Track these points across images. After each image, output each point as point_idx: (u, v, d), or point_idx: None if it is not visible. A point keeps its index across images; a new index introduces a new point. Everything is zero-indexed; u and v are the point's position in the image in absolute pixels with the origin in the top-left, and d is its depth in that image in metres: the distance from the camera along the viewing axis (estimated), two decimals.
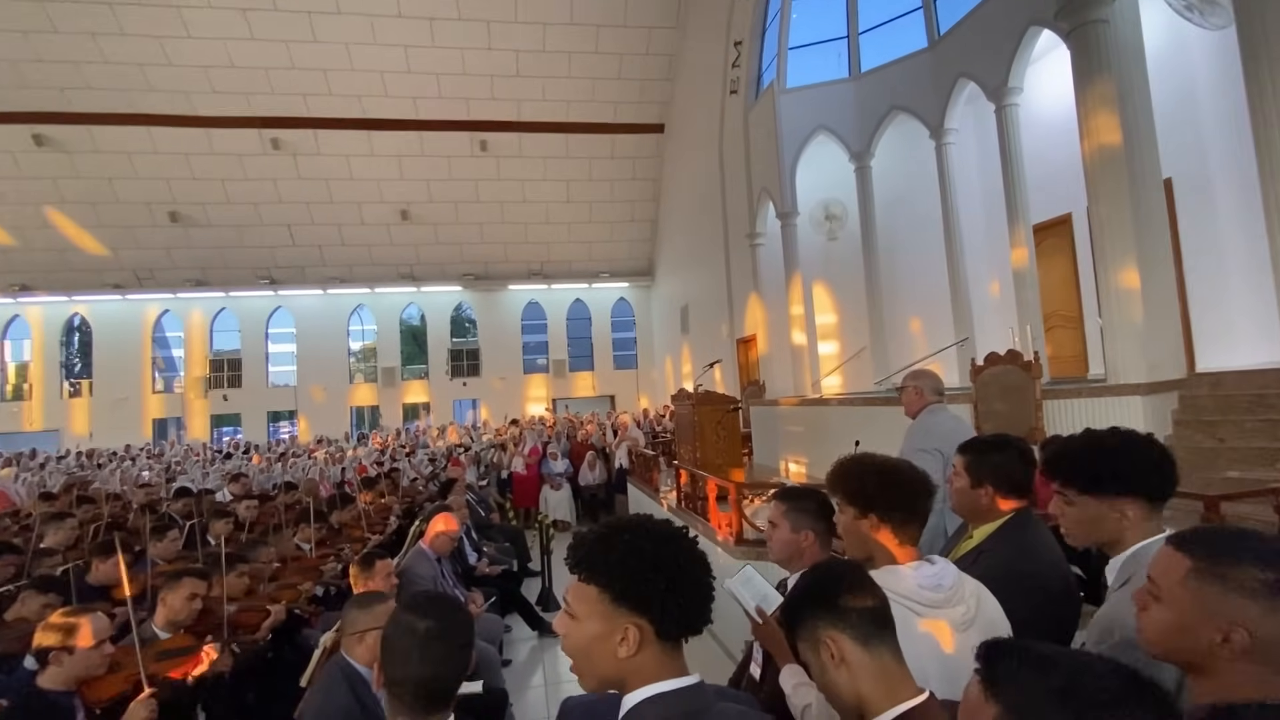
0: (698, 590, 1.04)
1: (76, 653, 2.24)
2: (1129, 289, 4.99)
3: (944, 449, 2.98)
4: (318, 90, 15.89)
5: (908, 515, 1.58)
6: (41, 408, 18.57)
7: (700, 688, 1.05)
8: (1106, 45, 5.19)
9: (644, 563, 1.02)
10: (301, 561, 4.38)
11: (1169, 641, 1.01)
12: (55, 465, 13.15)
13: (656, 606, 1.01)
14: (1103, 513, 1.43)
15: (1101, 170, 5.15)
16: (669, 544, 1.05)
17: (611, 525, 1.09)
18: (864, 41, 9.42)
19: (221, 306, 19.48)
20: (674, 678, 1.03)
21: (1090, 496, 1.44)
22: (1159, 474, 1.44)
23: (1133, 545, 1.42)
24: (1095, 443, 1.49)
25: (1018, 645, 0.83)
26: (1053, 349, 7.43)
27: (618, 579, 1.02)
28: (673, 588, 1.01)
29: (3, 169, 15.91)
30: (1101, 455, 1.46)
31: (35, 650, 2.29)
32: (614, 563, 1.03)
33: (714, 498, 5.55)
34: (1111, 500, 1.42)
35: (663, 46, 16.07)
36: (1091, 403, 4.83)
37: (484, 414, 19.64)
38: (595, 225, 19.50)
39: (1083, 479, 1.46)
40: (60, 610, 2.41)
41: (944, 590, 1.44)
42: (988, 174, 8.35)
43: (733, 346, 12.82)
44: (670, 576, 1.01)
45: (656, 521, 1.09)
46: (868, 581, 1.23)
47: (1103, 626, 1.37)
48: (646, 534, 1.05)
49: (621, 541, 1.04)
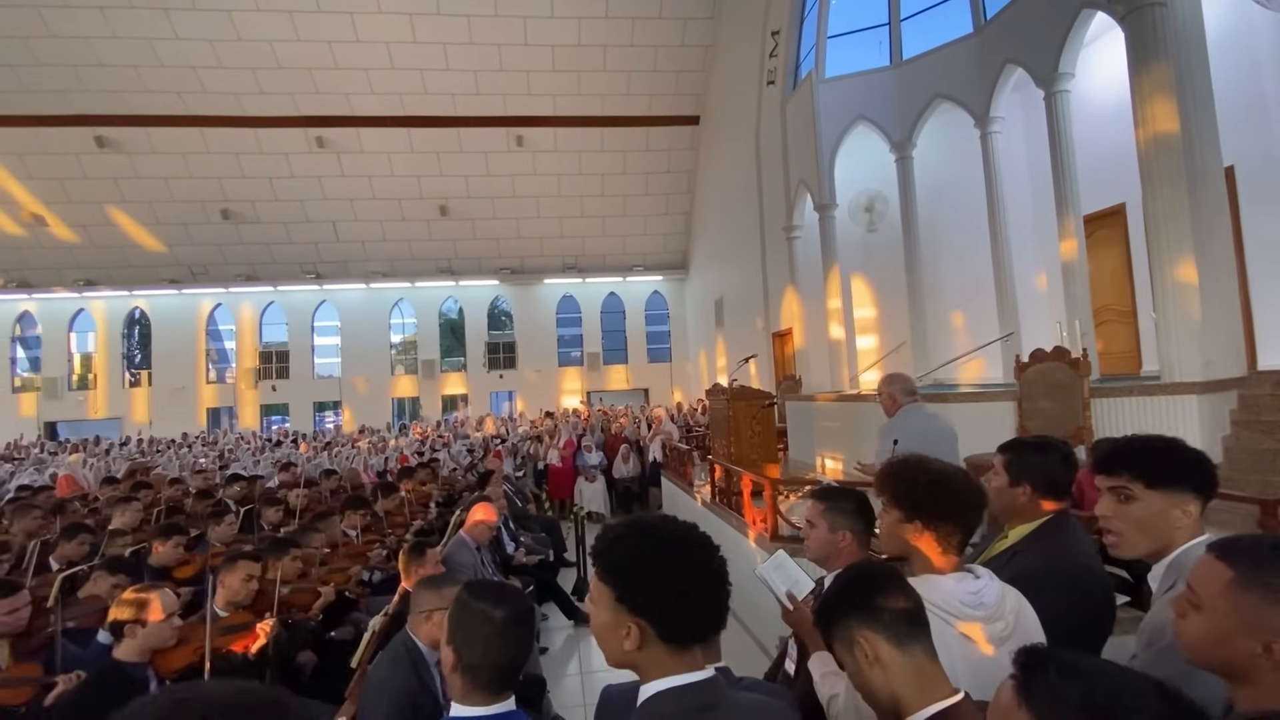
0: (705, 603, 1.06)
1: (149, 626, 2.40)
2: (1185, 282, 4.79)
3: (918, 444, 3.25)
4: (360, 89, 16.28)
5: (954, 525, 1.57)
6: (105, 396, 19.59)
7: (713, 682, 1.07)
8: (1164, 28, 4.97)
9: (649, 572, 1.05)
10: (349, 547, 4.55)
11: (1208, 650, 1.00)
12: (118, 451, 13.88)
13: (654, 613, 1.04)
14: (1165, 509, 1.40)
15: (1157, 159, 4.94)
16: (679, 554, 1.07)
17: (629, 528, 1.12)
18: (906, 28, 9.19)
19: (270, 300, 20.21)
20: (685, 672, 1.06)
21: (1156, 491, 1.41)
22: (1209, 471, 1.42)
23: (1177, 549, 1.39)
24: (1160, 438, 1.47)
25: (1057, 654, 0.82)
26: (1103, 345, 7.18)
27: (622, 582, 1.07)
28: (676, 598, 1.04)
29: (68, 170, 16.77)
30: (1172, 449, 1.44)
31: (111, 624, 2.46)
32: (621, 566, 1.08)
33: (749, 493, 5.54)
34: (1178, 495, 1.39)
35: (698, 38, 15.96)
36: (1144, 402, 4.67)
37: (520, 406, 19.94)
38: (629, 219, 19.55)
39: (1155, 472, 1.41)
40: (133, 587, 2.58)
41: (985, 608, 1.42)
42: (1035, 163, 8.09)
43: (768, 340, 12.72)
44: (675, 587, 1.04)
45: (674, 528, 1.11)
46: (902, 582, 1.23)
47: (1150, 631, 1.36)
48: (658, 542, 1.08)
49: (631, 548, 1.08)
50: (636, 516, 1.15)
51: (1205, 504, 1.41)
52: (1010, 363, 6.08)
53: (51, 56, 15.04)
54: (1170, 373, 4.83)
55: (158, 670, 2.45)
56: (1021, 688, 0.80)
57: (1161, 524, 1.42)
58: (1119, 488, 1.45)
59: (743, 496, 5.63)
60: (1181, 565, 1.35)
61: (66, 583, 3.34)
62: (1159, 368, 5.21)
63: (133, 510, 5.22)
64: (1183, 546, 1.38)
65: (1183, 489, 1.39)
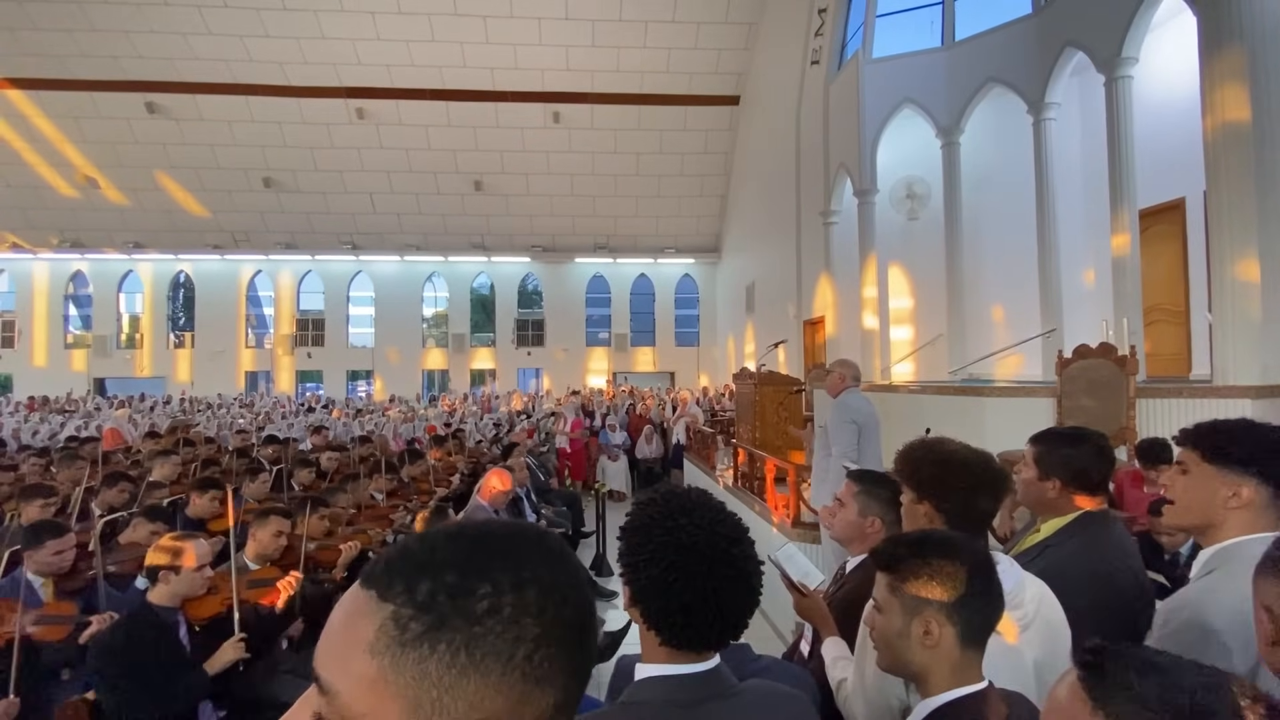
0: (716, 618, 0.99)
1: (182, 573, 2.48)
2: (1247, 282, 4.55)
3: (858, 420, 4.03)
4: (400, 61, 16.35)
5: (962, 508, 1.53)
6: (150, 356, 20.32)
7: (712, 675, 1.01)
8: (1239, 10, 4.67)
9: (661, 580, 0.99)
10: (375, 510, 4.65)
11: None
12: (162, 409, 14.41)
13: (655, 618, 1.00)
14: (1215, 487, 1.33)
15: (1225, 150, 4.68)
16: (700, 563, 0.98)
17: (649, 528, 1.03)
18: (960, 8, 8.83)
19: (308, 269, 20.64)
20: (682, 663, 1.00)
21: (1211, 465, 1.34)
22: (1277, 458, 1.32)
23: (1231, 538, 1.31)
24: (1235, 420, 1.41)
25: (1127, 650, 0.76)
26: (1151, 346, 6.88)
27: (634, 583, 1.03)
28: (681, 612, 0.98)
29: (119, 134, 17.27)
30: (1235, 427, 1.37)
31: (147, 569, 2.55)
32: (637, 570, 1.02)
33: (772, 479, 5.50)
34: (1230, 473, 1.32)
35: (743, 14, 15.59)
36: (1193, 404, 4.46)
37: (546, 383, 20.10)
38: (664, 199, 19.36)
39: (1208, 444, 1.36)
40: (170, 535, 2.66)
41: (1005, 595, 1.37)
42: (1090, 153, 7.74)
43: (799, 328, 12.53)
44: (683, 602, 0.98)
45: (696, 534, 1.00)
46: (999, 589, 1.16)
47: (1169, 609, 1.31)
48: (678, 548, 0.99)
49: (648, 561, 1.00)
50: (669, 504, 1.04)
51: (1276, 497, 1.31)
52: (1051, 360, 5.87)
53: (105, 22, 15.41)
54: (1224, 375, 4.61)
55: (188, 616, 2.54)
56: (1091, 687, 0.73)
57: (1206, 499, 1.34)
58: (1178, 461, 1.42)
59: (766, 482, 5.59)
60: (1230, 556, 1.28)
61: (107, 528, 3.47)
62: (1209, 373, 4.98)
63: (171, 464, 5.41)
64: (1236, 539, 1.30)
65: (1235, 468, 1.31)
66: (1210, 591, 1.26)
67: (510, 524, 0.55)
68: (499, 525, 0.54)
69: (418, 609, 0.46)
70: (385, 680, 0.45)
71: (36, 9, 15.07)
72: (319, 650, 0.49)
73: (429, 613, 0.45)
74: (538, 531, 0.54)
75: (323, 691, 0.47)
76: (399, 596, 0.46)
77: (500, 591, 0.47)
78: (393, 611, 0.46)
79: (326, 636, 0.49)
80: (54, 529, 2.99)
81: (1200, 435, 1.39)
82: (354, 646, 0.46)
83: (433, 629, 0.45)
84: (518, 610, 0.47)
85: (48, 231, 18.93)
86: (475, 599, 0.46)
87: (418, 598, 0.46)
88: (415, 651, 0.45)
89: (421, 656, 0.45)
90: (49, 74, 16.17)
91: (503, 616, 0.46)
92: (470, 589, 0.47)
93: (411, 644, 0.45)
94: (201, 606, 2.58)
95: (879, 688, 1.38)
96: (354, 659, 0.46)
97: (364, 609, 0.47)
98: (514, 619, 0.47)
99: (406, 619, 0.45)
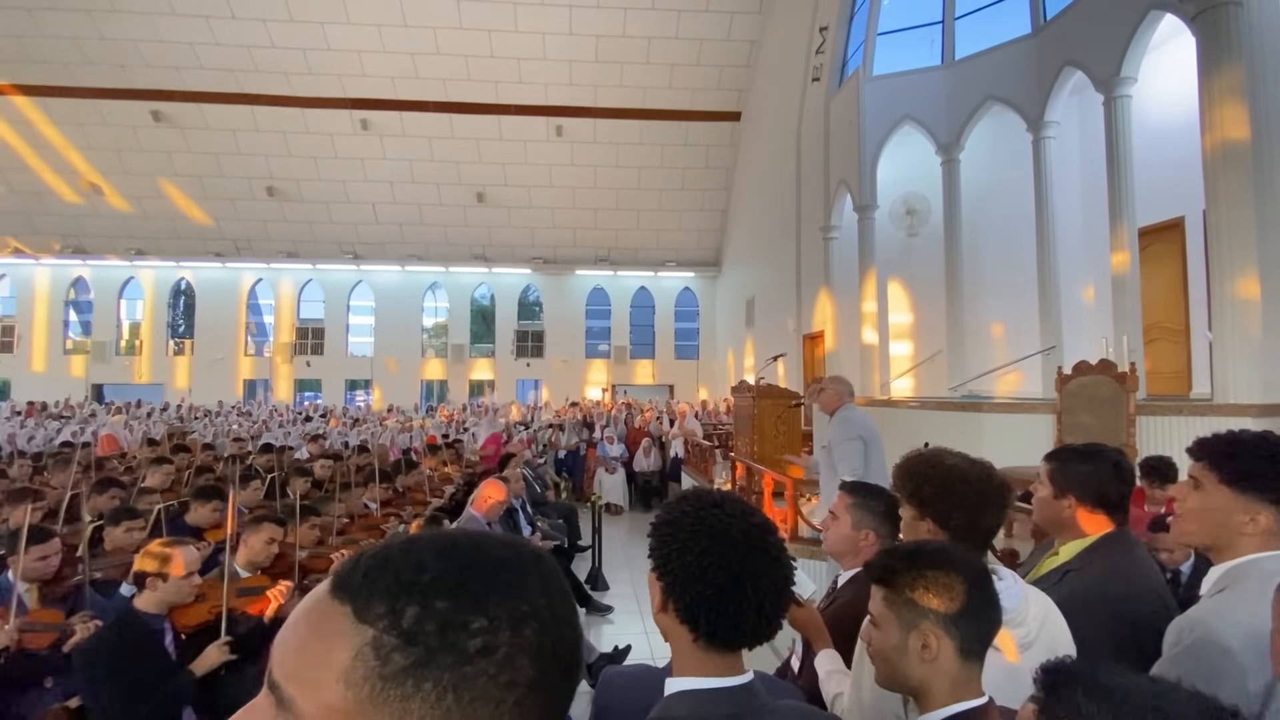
0: (752, 606, 0.95)
1: (170, 580, 2.43)
2: (1247, 300, 4.54)
3: (863, 434, 3.94)
4: (405, 73, 16.49)
5: (967, 525, 1.50)
6: (149, 363, 20.29)
7: (747, 689, 0.98)
8: (1238, 30, 4.72)
9: (695, 566, 0.95)
10: (368, 519, 4.60)
11: None
12: (159, 416, 14.36)
13: (689, 609, 0.96)
14: (1231, 511, 1.28)
15: (1224, 168, 4.70)
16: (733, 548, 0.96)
17: (680, 521, 1.00)
18: (960, 27, 8.92)
19: (309, 278, 20.67)
20: (716, 675, 0.97)
21: (1228, 488, 1.29)
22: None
23: (1243, 556, 1.27)
24: (1255, 437, 1.35)
25: (1084, 671, 0.74)
26: (1151, 364, 6.87)
27: (665, 576, 0.99)
28: (715, 604, 0.94)
29: (125, 141, 17.37)
30: (1257, 450, 1.30)
31: (134, 575, 2.51)
32: (669, 561, 0.98)
33: (769, 493, 5.46)
34: (1249, 500, 1.27)
35: (744, 32, 15.76)
36: (1194, 421, 4.44)
37: (545, 395, 20.05)
38: (664, 213, 19.45)
39: (1230, 467, 1.30)
40: (159, 541, 2.62)
41: (1005, 613, 1.34)
42: (1090, 171, 7.78)
43: (798, 342, 12.53)
44: (716, 593, 0.94)
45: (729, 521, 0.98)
46: (997, 600, 1.14)
47: (1181, 628, 1.26)
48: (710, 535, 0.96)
49: (680, 550, 0.97)
50: (699, 499, 1.03)
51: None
52: (1050, 377, 5.86)
53: (114, 31, 15.56)
54: (1224, 393, 4.59)
55: (174, 624, 2.49)
56: (1044, 710, 0.73)
57: (1220, 522, 1.30)
58: (1192, 476, 1.37)
59: (763, 495, 5.55)
60: (1241, 573, 1.24)
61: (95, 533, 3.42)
62: (1209, 391, 4.97)
63: (164, 471, 5.36)
64: (1250, 556, 1.26)
65: (1257, 494, 1.26)
66: (1223, 609, 1.22)
67: (507, 543, 0.50)
68: (495, 544, 0.49)
69: (403, 639, 0.41)
70: (360, 715, 0.40)
71: (46, 18, 15.22)
72: (280, 658, 0.43)
73: (415, 644, 0.41)
74: (534, 553, 0.49)
75: (280, 704, 0.42)
76: (381, 620, 0.41)
77: (497, 628, 0.42)
78: (373, 637, 0.41)
79: (291, 647, 0.43)
80: (38, 534, 2.94)
81: (1219, 456, 1.32)
82: (326, 670, 0.41)
83: (419, 664, 0.40)
84: (514, 650, 0.42)
85: (50, 237, 18.98)
86: (469, 634, 0.41)
87: (403, 624, 0.41)
88: (397, 689, 0.40)
89: (404, 695, 0.40)
90: (56, 81, 16.29)
91: (497, 658, 0.42)
92: (464, 621, 0.42)
93: (394, 679, 0.40)
94: (189, 614, 2.54)
95: (876, 706, 1.35)
96: (325, 686, 0.41)
97: (339, 626, 0.42)
98: (509, 660, 0.42)
99: (389, 649, 0.40)
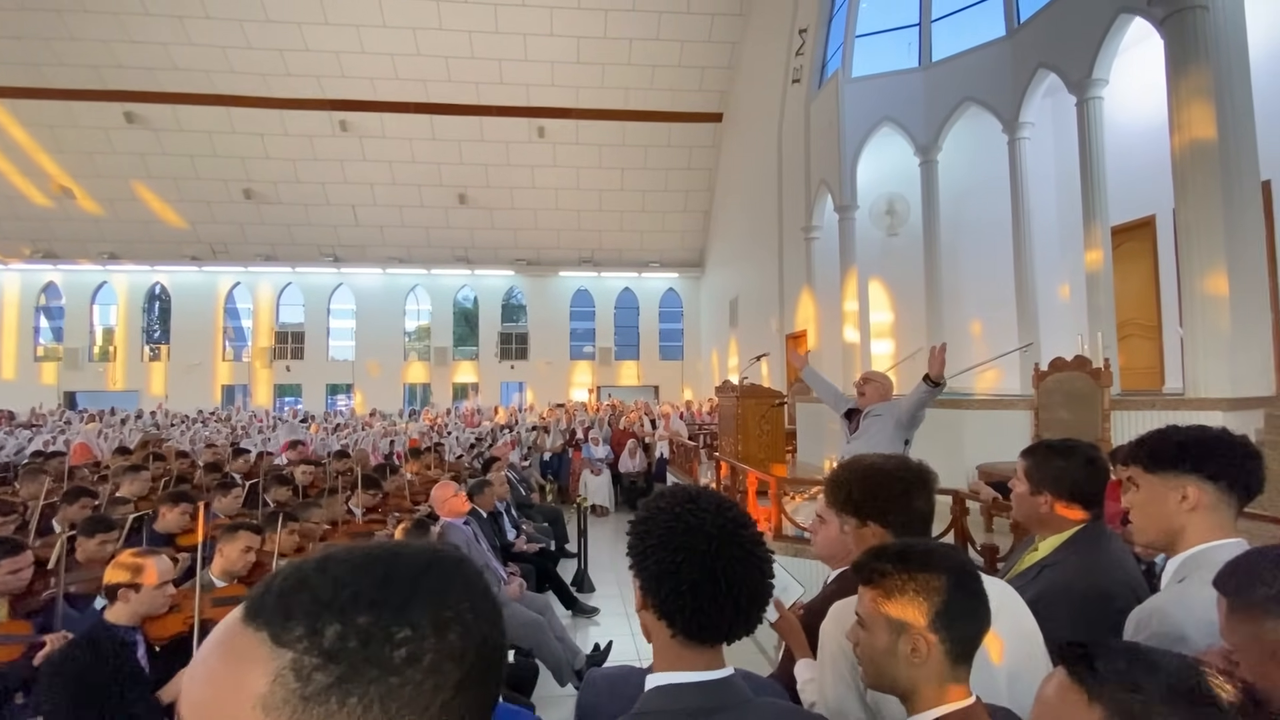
0: (727, 600, 0.96)
1: (142, 590, 2.38)
2: (1216, 296, 4.64)
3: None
4: (385, 74, 16.35)
5: (904, 516, 1.51)
6: (124, 369, 19.88)
7: (726, 683, 0.98)
8: (1205, 34, 4.82)
9: (669, 563, 0.96)
10: (351, 526, 4.54)
11: None
12: (134, 423, 14.06)
13: (665, 605, 0.97)
14: (1163, 495, 1.34)
15: (1192, 168, 4.80)
16: (706, 542, 0.96)
17: (656, 518, 1.01)
18: (936, 29, 9.03)
19: (288, 281, 20.38)
20: (694, 670, 0.97)
21: (1153, 475, 1.36)
22: (1227, 456, 1.31)
23: (1196, 544, 1.31)
24: (1161, 428, 1.42)
25: (1113, 643, 0.75)
26: (1125, 359, 7.01)
27: (643, 574, 1.00)
28: (690, 597, 0.95)
29: (97, 144, 17.01)
30: (1164, 432, 1.39)
31: (106, 587, 2.45)
32: (645, 558, 0.99)
33: (754, 492, 5.48)
34: (1171, 478, 1.33)
35: (725, 34, 15.84)
36: (1166, 415, 4.53)
37: (529, 397, 19.97)
38: (648, 214, 19.47)
39: (1145, 453, 1.38)
40: (130, 550, 2.57)
41: None
42: (1064, 171, 7.91)
43: (782, 342, 12.59)
44: (693, 583, 0.95)
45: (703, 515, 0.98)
46: (985, 598, 1.13)
47: (1139, 619, 1.28)
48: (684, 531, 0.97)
49: (655, 547, 0.98)
50: (675, 496, 1.03)
51: (1223, 495, 1.31)
52: (1028, 374, 5.95)
53: (85, 31, 15.25)
54: (1195, 387, 4.69)
55: (147, 636, 2.44)
56: (1084, 680, 0.71)
57: (1159, 509, 1.35)
58: (1129, 478, 1.43)
59: (748, 495, 5.56)
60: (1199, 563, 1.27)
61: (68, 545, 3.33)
62: (1181, 386, 5.07)
63: (140, 480, 5.25)
64: (1203, 545, 1.30)
65: (1177, 470, 1.32)
66: (1181, 599, 1.25)
67: (426, 550, 0.49)
68: (414, 551, 0.48)
69: (324, 657, 0.39)
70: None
71: (14, 18, 14.87)
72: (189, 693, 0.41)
73: (337, 662, 0.39)
74: (455, 558, 0.49)
75: None
76: (299, 642, 0.40)
77: (421, 635, 0.42)
78: (292, 659, 0.39)
79: (200, 680, 0.41)
80: (9, 546, 2.87)
81: (1136, 448, 1.40)
82: (238, 699, 0.39)
83: (343, 680, 0.39)
84: (439, 656, 0.42)
85: (19, 242, 18.53)
86: (394, 645, 0.41)
87: (324, 643, 0.40)
88: (320, 707, 0.38)
89: (328, 713, 0.38)
90: (25, 83, 15.92)
91: (423, 665, 0.41)
92: (388, 634, 0.41)
93: (316, 698, 0.38)
94: (162, 625, 2.48)
95: (839, 710, 1.35)
96: (239, 715, 0.38)
97: (253, 653, 0.40)
98: (435, 666, 0.41)
99: (310, 669, 0.39)
